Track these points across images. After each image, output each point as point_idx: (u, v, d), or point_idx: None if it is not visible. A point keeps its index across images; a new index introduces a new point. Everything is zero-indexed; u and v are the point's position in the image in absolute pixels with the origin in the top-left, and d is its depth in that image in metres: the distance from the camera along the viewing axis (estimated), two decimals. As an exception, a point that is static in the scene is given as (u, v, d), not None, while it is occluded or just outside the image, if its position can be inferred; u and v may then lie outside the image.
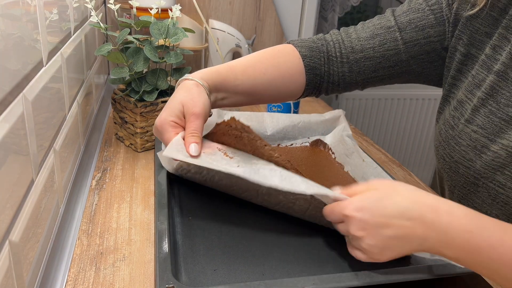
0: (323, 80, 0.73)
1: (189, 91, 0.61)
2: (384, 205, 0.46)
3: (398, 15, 0.69)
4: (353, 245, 0.50)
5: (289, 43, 0.73)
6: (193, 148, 0.56)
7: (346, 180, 0.75)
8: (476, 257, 0.44)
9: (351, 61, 0.71)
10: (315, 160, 0.81)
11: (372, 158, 0.75)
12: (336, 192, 0.51)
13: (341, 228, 0.50)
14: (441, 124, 0.67)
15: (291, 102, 0.97)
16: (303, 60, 0.71)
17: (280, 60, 0.70)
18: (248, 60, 0.69)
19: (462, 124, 0.62)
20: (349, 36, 0.72)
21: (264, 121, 0.86)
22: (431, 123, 2.18)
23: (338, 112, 0.89)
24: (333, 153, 0.83)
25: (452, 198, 0.69)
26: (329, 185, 0.72)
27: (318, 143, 0.87)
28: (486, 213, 0.61)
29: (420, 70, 0.70)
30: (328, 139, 0.86)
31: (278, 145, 0.87)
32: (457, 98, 0.64)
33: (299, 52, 0.71)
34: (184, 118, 0.60)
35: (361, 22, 0.73)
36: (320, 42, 0.73)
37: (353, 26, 0.73)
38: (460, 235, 0.43)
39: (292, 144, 0.87)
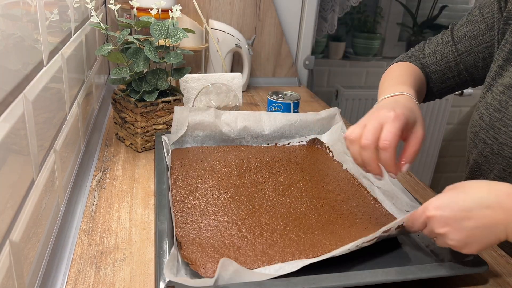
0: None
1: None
2: (461, 199, 0.48)
3: (456, 30, 0.78)
4: (440, 244, 0.52)
5: (400, 61, 0.83)
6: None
7: (345, 177, 0.75)
8: None
9: (426, 74, 0.80)
10: (313, 158, 0.81)
11: None
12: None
13: (426, 232, 0.52)
14: (482, 110, 0.70)
15: (291, 102, 0.97)
16: (422, 71, 0.80)
17: (418, 72, 0.79)
18: (411, 75, 0.76)
19: (511, 107, 0.64)
20: (422, 52, 0.82)
21: (261, 120, 0.86)
22: (430, 123, 2.18)
23: (334, 110, 0.89)
24: (330, 151, 0.83)
25: None
26: (329, 182, 0.72)
27: (315, 142, 0.87)
28: None
29: (483, 75, 0.75)
30: (325, 137, 0.87)
31: (276, 144, 0.87)
32: (504, 84, 0.67)
33: (416, 65, 0.80)
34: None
35: (429, 37, 0.83)
36: (415, 58, 0.82)
37: (426, 42, 0.83)
38: None
39: (289, 143, 0.88)
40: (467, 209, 0.47)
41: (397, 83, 0.70)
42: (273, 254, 0.54)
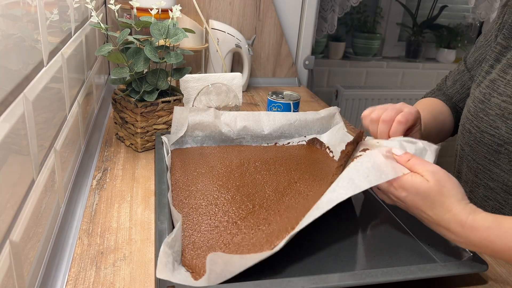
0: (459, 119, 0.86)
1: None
2: (423, 204, 0.51)
3: (468, 58, 0.84)
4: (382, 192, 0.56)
5: (426, 96, 0.90)
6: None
7: None
8: (495, 255, 0.50)
9: (453, 105, 0.85)
10: (314, 158, 0.81)
11: None
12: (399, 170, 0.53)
13: (382, 185, 0.54)
14: (470, 103, 0.75)
15: (291, 102, 0.97)
16: (446, 104, 0.86)
17: (437, 104, 0.85)
18: (429, 106, 0.83)
19: (494, 98, 0.69)
20: (444, 85, 0.88)
21: (261, 120, 0.86)
22: (431, 123, 2.18)
23: (334, 109, 0.89)
24: (331, 151, 0.83)
25: (468, 175, 0.75)
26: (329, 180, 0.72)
27: (314, 142, 0.87)
28: (503, 182, 0.68)
29: None
30: (324, 138, 0.87)
31: (275, 144, 0.87)
32: (489, 79, 0.72)
33: (440, 99, 0.87)
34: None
35: (450, 71, 0.90)
36: (441, 91, 0.88)
37: (446, 76, 0.90)
38: (481, 243, 0.49)
39: (289, 143, 0.88)
40: (422, 210, 0.52)
41: None
42: (269, 239, 0.54)
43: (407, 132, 0.64)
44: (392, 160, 0.54)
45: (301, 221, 0.52)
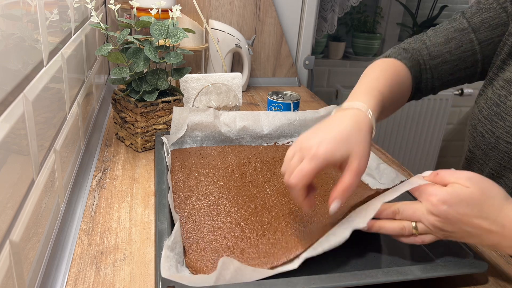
0: (417, 88, 0.76)
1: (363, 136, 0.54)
2: (470, 211, 0.48)
3: (470, 17, 0.72)
4: (422, 222, 0.51)
5: (387, 56, 0.74)
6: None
7: None
8: None
9: (432, 67, 0.74)
10: None
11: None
12: (419, 180, 0.52)
13: (418, 206, 0.51)
14: (482, 103, 0.70)
15: (291, 102, 0.97)
16: (410, 72, 0.73)
17: (401, 75, 0.71)
18: (385, 80, 0.66)
19: (510, 101, 0.64)
20: (424, 44, 0.74)
21: (260, 120, 0.86)
22: (430, 123, 2.18)
23: (333, 107, 0.89)
24: None
25: None
26: (329, 181, 0.72)
27: None
28: None
29: None
30: None
31: (275, 143, 0.87)
32: (505, 78, 0.67)
33: (405, 64, 0.72)
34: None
35: (431, 28, 0.76)
36: (409, 53, 0.74)
37: (424, 33, 0.76)
38: None
39: (288, 143, 0.88)
40: (471, 216, 0.48)
41: (364, 89, 0.62)
42: (276, 251, 0.54)
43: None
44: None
45: (314, 246, 0.53)
